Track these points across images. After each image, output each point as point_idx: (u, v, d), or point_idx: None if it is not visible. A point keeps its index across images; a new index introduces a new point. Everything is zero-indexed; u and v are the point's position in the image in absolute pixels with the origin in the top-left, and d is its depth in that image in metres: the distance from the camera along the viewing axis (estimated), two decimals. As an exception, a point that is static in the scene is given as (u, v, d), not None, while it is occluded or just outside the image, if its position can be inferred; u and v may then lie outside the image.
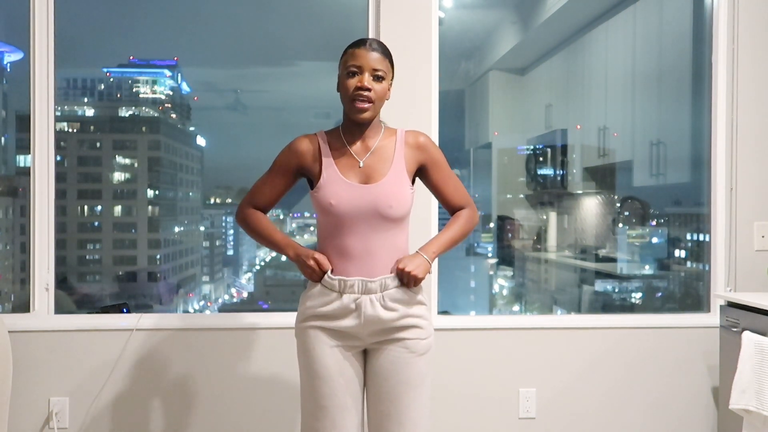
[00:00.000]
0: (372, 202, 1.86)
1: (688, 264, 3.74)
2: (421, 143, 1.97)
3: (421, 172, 2.00)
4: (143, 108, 3.84)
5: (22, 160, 3.27)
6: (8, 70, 3.32)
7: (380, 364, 1.91)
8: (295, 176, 1.99)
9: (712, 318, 3.04)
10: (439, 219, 2.98)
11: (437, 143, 2.93)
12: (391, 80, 1.97)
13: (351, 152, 1.93)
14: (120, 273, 3.68)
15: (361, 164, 1.91)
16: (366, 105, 1.87)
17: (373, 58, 1.87)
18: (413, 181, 1.98)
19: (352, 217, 1.86)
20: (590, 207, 4.40)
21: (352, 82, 1.87)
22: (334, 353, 1.90)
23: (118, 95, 3.78)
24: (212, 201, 4.14)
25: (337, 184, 1.88)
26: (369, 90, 1.86)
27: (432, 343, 1.96)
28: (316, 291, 1.91)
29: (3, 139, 3.46)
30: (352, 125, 1.94)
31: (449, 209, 2.06)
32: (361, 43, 1.90)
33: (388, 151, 1.94)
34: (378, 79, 1.88)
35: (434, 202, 2.93)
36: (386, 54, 1.92)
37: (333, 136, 1.96)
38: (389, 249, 1.90)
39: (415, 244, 2.01)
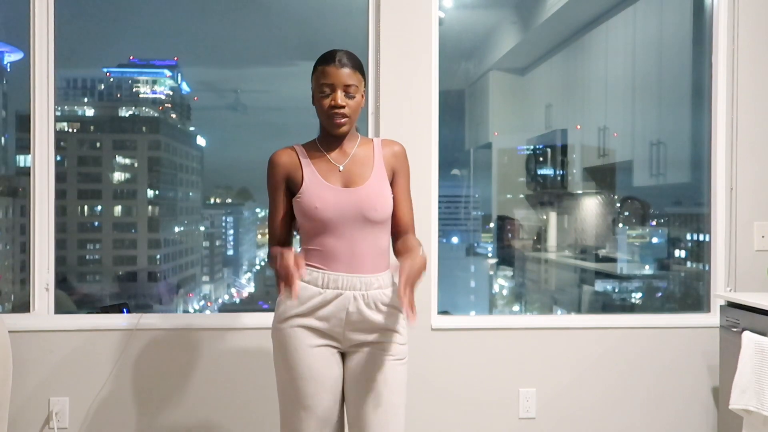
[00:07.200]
0: (356, 205, 1.88)
1: (688, 264, 3.74)
2: (397, 151, 2.02)
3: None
4: (143, 108, 3.85)
5: (22, 160, 3.27)
6: (8, 70, 3.32)
7: (360, 366, 1.91)
8: (289, 188, 1.99)
9: (712, 318, 3.03)
10: (439, 219, 2.98)
11: (437, 143, 2.95)
12: (365, 89, 1.99)
13: (329, 158, 1.96)
14: (120, 273, 3.69)
15: (341, 168, 1.94)
16: (343, 120, 1.91)
17: (344, 74, 1.90)
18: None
19: (337, 220, 1.88)
20: (590, 207, 4.40)
21: (326, 102, 1.90)
22: (315, 353, 1.90)
23: (118, 95, 3.78)
24: (212, 201, 4.14)
25: (320, 188, 1.90)
26: (343, 107, 1.89)
27: (407, 353, 1.97)
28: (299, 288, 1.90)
29: (3, 139, 3.46)
30: (329, 136, 1.97)
31: (394, 224, 2.02)
32: (330, 59, 1.90)
33: (367, 157, 1.98)
34: (350, 96, 1.91)
35: (434, 206, 2.93)
36: (356, 67, 1.94)
37: (310, 147, 2.00)
38: (373, 250, 1.92)
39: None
